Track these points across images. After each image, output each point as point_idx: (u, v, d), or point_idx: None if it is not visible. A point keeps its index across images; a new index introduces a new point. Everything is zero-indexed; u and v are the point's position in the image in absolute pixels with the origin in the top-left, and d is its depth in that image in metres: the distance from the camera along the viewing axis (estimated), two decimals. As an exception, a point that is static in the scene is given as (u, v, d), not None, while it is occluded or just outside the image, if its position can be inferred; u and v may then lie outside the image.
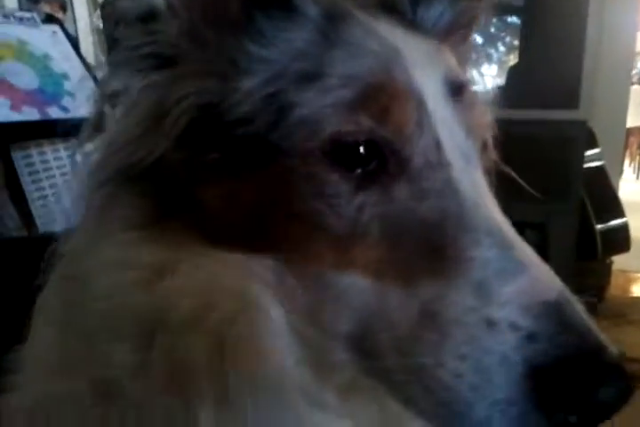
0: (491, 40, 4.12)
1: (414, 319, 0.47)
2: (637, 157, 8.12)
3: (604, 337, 0.45)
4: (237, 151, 0.52)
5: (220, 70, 0.53)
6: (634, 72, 8.87)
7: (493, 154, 0.66)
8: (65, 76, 1.65)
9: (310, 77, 0.52)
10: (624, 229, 3.64)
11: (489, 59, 4.48)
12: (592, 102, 3.44)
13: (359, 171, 0.51)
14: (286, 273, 0.52)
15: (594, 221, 3.49)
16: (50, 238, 0.60)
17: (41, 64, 1.62)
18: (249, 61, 0.53)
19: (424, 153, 0.52)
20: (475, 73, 0.76)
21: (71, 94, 1.63)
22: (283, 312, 0.52)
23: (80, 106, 1.63)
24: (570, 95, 3.29)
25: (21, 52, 1.59)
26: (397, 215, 0.51)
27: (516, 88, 3.36)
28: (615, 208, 3.67)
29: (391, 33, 0.56)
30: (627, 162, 8.24)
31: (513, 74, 3.62)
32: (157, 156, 0.52)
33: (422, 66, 0.54)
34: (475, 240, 0.49)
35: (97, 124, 0.59)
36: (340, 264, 0.50)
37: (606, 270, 3.72)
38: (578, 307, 0.47)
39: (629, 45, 4.24)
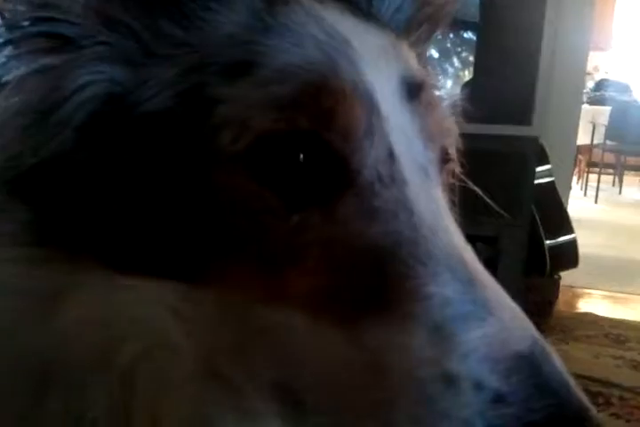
0: (446, 55, 4.15)
1: (357, 370, 0.39)
2: (585, 175, 8.30)
3: (585, 399, 0.37)
4: (147, 155, 0.43)
5: (131, 56, 0.44)
6: (584, 91, 9.14)
7: (456, 165, 0.58)
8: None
9: (239, 69, 0.43)
10: (573, 245, 3.69)
11: (444, 73, 4.51)
12: (544, 119, 3.48)
13: (295, 184, 0.42)
14: (205, 304, 0.43)
15: (543, 237, 3.51)
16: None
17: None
18: (167, 47, 0.45)
19: (375, 166, 0.44)
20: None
21: None
22: (199, 351, 0.44)
23: None
24: (523, 111, 3.31)
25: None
26: (340, 239, 0.42)
27: (470, 103, 3.37)
28: (564, 224, 3.71)
29: (339, 21, 0.47)
30: (574, 179, 8.45)
31: (467, 89, 3.64)
32: (46, 156, 0.42)
33: (375, 61, 0.46)
34: (432, 273, 0.40)
35: None
36: (268, 296, 0.42)
37: (554, 286, 3.74)
38: (554, 359, 0.38)
39: (581, 64, 4.33)
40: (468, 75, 4.09)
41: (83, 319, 0.43)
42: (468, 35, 4.09)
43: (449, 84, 4.16)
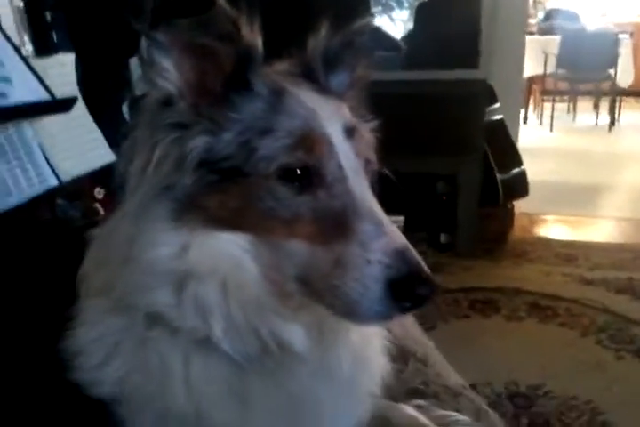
0: None
1: (330, 263, 0.80)
2: (541, 104, 8.56)
3: (425, 265, 0.79)
4: (224, 176, 0.83)
5: (213, 130, 0.83)
6: (534, 21, 9.26)
7: (374, 167, 0.96)
8: (-2, 63, 1.69)
9: (266, 131, 0.82)
10: (523, 176, 4.00)
11: (399, 4, 4.66)
12: (490, 60, 3.69)
13: (297, 184, 0.82)
14: (258, 243, 0.84)
15: (495, 171, 3.82)
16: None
17: (-29, 51, 1.62)
18: (228, 122, 0.83)
19: (333, 172, 0.84)
20: (386, 18, 1.05)
21: (6, 79, 1.71)
22: (256, 266, 0.85)
23: (17, 91, 1.67)
24: (469, 56, 3.54)
25: (-50, 41, 1.60)
26: (319, 208, 0.83)
27: (421, 51, 3.58)
28: (514, 158, 4.01)
29: (311, 98, 0.87)
30: (531, 108, 8.72)
31: (416, 29, 3.82)
32: (179, 183, 0.82)
33: (330, 119, 0.86)
34: (361, 220, 0.81)
35: (125, 170, 0.87)
36: (288, 236, 0.82)
37: (508, 215, 4.08)
38: (414, 252, 0.80)
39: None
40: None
41: (200, 254, 0.82)
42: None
43: (405, 15, 4.32)
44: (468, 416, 1.09)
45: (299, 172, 0.82)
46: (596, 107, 8.55)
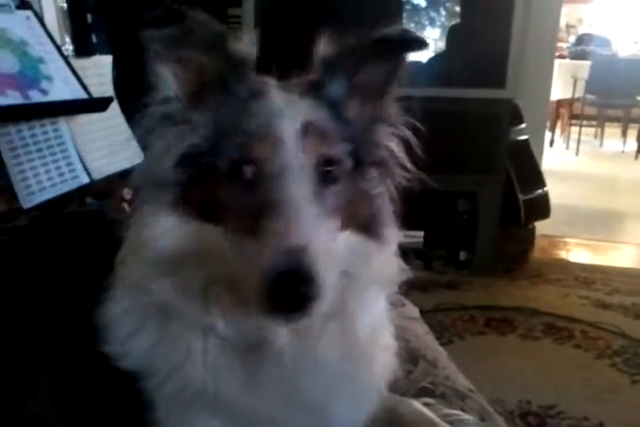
0: (434, 4, 4.33)
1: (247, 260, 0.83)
2: (568, 128, 8.54)
3: (312, 266, 0.78)
4: (201, 171, 0.89)
5: (197, 128, 0.90)
6: (565, 45, 9.27)
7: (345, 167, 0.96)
8: (41, 60, 1.78)
9: (232, 132, 0.88)
10: (545, 198, 4.00)
11: (432, 23, 4.71)
12: (518, 81, 3.71)
13: (242, 181, 0.87)
14: (224, 233, 0.87)
15: (518, 192, 3.83)
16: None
17: (19, 49, 1.73)
18: (209, 122, 0.90)
19: (278, 168, 0.86)
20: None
21: (48, 78, 1.78)
22: (232, 259, 0.86)
23: (57, 88, 1.76)
24: (497, 75, 3.56)
25: (1, 38, 1.69)
26: (262, 200, 0.84)
27: (450, 69, 3.62)
28: (537, 179, 4.01)
29: (283, 100, 0.92)
30: (558, 133, 8.70)
31: (447, 47, 3.85)
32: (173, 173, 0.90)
33: (291, 117, 0.89)
34: (275, 219, 0.81)
35: None
36: (236, 230, 0.86)
37: (529, 236, 4.07)
38: (310, 252, 0.79)
39: (555, 20, 4.51)
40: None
41: (188, 245, 0.89)
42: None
43: (437, 33, 4.35)
44: (474, 417, 1.11)
45: (246, 169, 0.86)
46: (624, 133, 8.49)
